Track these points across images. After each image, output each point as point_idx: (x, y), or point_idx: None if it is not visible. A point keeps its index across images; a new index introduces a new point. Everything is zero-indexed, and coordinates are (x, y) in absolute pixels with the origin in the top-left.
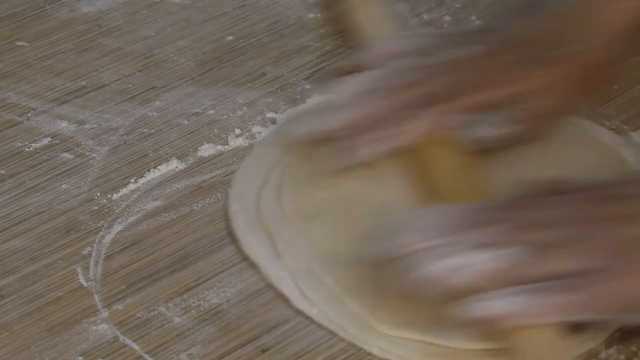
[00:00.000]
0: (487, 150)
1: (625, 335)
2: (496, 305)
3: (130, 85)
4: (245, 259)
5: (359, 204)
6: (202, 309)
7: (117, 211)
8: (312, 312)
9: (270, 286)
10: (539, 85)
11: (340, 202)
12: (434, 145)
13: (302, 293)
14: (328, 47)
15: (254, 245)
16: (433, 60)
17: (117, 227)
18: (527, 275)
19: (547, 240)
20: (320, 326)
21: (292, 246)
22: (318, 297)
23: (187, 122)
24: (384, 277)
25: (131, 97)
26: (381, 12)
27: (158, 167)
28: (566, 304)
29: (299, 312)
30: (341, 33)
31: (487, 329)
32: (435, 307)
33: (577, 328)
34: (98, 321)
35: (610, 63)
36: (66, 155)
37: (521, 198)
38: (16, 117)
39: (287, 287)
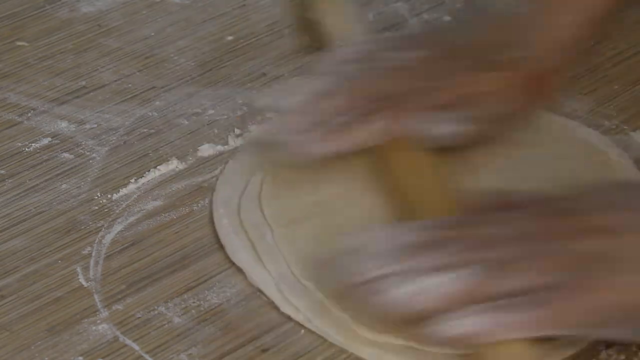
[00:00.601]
0: (446, 149)
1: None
2: (463, 324)
3: (130, 85)
4: None
5: (341, 209)
6: (202, 309)
7: (117, 211)
8: (299, 318)
9: None
10: (485, 89)
11: (322, 208)
12: (400, 149)
13: (286, 299)
14: None
15: (238, 251)
16: (381, 65)
17: (117, 227)
18: (488, 294)
19: (503, 256)
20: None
21: (274, 252)
22: (302, 303)
23: (187, 122)
24: (348, 303)
25: (131, 97)
26: (343, 14)
27: (158, 167)
28: (531, 320)
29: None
30: (307, 34)
31: (459, 347)
32: (403, 329)
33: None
34: (98, 321)
35: (557, 70)
36: (66, 155)
37: (475, 214)
38: (16, 117)
39: (272, 293)
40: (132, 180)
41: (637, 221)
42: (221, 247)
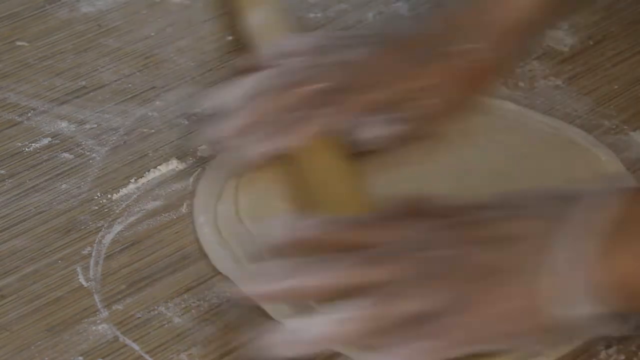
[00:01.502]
0: (378, 150)
1: (625, 335)
2: None
3: (130, 85)
4: None
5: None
6: (202, 309)
7: (117, 211)
8: None
9: None
10: (427, 83)
11: (303, 212)
12: (315, 151)
13: (280, 307)
14: None
15: (222, 260)
16: (325, 60)
17: (117, 227)
18: (380, 327)
19: (393, 279)
20: None
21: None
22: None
23: (187, 122)
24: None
25: (131, 97)
26: (273, 14)
27: (158, 167)
28: (432, 348)
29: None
30: (235, 33)
31: None
32: None
33: None
34: (98, 321)
35: (498, 62)
36: (66, 155)
37: (369, 223)
38: (16, 117)
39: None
40: (132, 180)
41: (530, 229)
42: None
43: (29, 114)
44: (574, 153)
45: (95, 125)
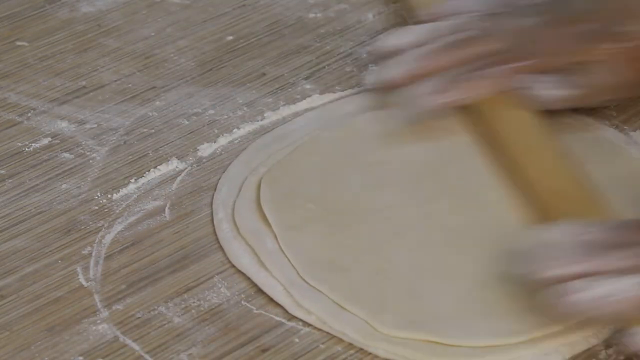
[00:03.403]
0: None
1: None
2: None
3: (130, 85)
4: None
5: (348, 213)
6: (202, 309)
7: (117, 211)
8: (310, 319)
9: None
10: (595, 60)
11: (327, 212)
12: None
13: (296, 302)
14: (328, 47)
15: (239, 255)
16: (498, 23)
17: (117, 227)
18: None
19: None
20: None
21: (277, 256)
22: (315, 306)
23: (187, 122)
24: (537, 299)
25: (131, 97)
26: None
27: (158, 167)
28: None
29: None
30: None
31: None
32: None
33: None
34: (98, 321)
35: None
36: (66, 155)
37: None
38: (16, 117)
39: (280, 296)
40: (132, 180)
41: None
42: (221, 247)
43: (29, 114)
44: (607, 150)
45: (95, 125)
